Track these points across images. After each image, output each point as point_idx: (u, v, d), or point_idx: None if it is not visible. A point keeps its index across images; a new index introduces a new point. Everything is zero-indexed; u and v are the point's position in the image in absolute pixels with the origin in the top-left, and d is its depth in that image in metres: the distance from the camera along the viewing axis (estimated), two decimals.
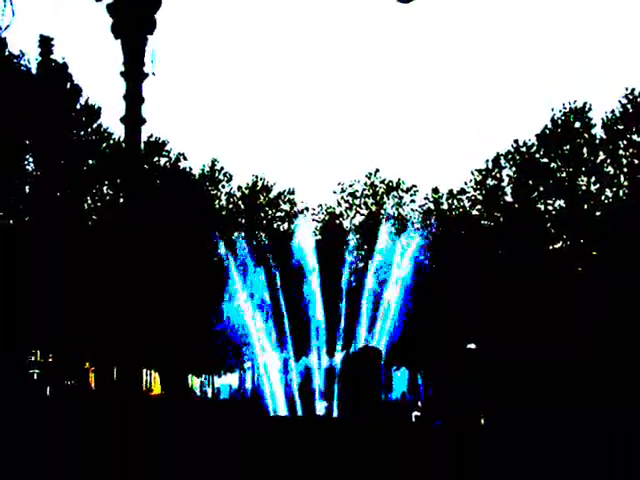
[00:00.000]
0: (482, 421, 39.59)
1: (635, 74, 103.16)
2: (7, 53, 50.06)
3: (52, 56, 53.91)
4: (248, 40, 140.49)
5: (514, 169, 63.59)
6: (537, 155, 62.95)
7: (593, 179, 61.04)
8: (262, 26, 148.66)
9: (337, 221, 69.41)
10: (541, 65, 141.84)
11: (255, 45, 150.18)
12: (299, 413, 43.88)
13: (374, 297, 50.65)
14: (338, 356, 47.57)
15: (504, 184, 64.07)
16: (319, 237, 66.77)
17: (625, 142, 60.61)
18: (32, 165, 54.33)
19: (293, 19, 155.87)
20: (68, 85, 54.79)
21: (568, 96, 63.79)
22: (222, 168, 69.82)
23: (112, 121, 61.02)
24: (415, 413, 47.37)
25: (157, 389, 73.96)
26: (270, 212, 70.19)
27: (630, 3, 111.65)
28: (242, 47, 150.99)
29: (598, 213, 60.09)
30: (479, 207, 64.48)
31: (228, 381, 70.51)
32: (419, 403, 56.19)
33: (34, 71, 52.66)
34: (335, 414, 37.29)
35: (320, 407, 43.63)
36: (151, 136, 64.89)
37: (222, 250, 52.40)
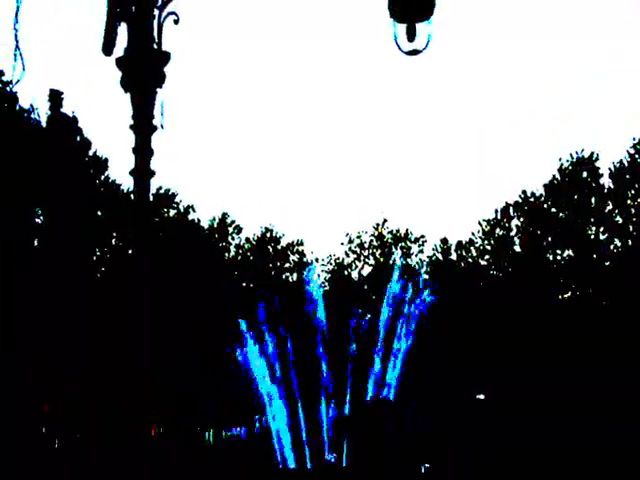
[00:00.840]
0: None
1: None
2: (18, 107, 50.41)
3: (62, 109, 54.30)
4: (256, 94, 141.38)
5: (522, 219, 63.63)
6: (545, 205, 63.01)
7: (602, 229, 61.03)
8: (269, 79, 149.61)
9: (345, 272, 69.42)
10: (548, 115, 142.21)
11: (263, 99, 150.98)
12: (308, 465, 43.68)
13: (384, 347, 50.57)
14: (347, 407, 47.39)
15: (512, 234, 64.09)
16: (327, 288, 66.78)
17: (633, 191, 60.66)
18: (41, 218, 54.49)
19: (298, 73, 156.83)
20: (78, 138, 55.13)
21: (575, 146, 64.07)
22: (233, 222, 70.08)
23: (120, 173, 61.43)
24: (425, 465, 47.03)
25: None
26: (279, 263, 70.26)
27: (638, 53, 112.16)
28: (250, 101, 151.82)
29: (607, 263, 59.99)
30: (487, 257, 64.45)
31: (236, 433, 70.15)
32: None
33: (44, 124, 53.00)
34: (344, 464, 37.06)
35: (329, 459, 43.39)
36: (160, 188, 65.22)
37: (233, 304, 52.50)
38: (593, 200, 61.77)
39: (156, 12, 9.20)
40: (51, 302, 50.75)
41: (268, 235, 70.85)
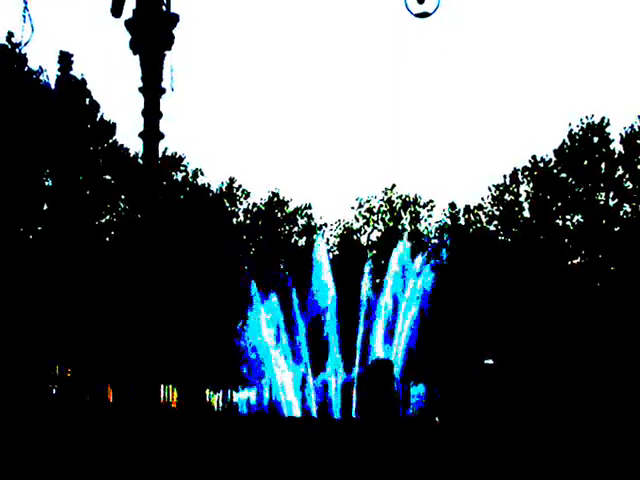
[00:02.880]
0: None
1: None
2: (27, 69, 50.28)
3: (71, 72, 54.14)
4: (266, 57, 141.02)
5: (532, 185, 63.40)
6: (555, 170, 62.75)
7: (612, 194, 60.83)
8: (280, 43, 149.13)
9: (354, 237, 69.36)
10: (559, 80, 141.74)
11: (273, 62, 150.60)
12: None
13: (391, 312, 50.68)
14: (355, 371, 47.54)
15: (522, 199, 63.90)
16: (337, 253, 66.78)
17: None
18: (50, 181, 54.51)
19: (311, 37, 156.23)
20: (87, 101, 55.01)
21: (586, 111, 63.78)
22: (240, 186, 69.89)
23: (127, 138, 61.35)
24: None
25: (175, 403, 73.93)
26: (287, 227, 70.17)
27: None
28: (260, 64, 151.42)
29: (617, 228, 59.82)
30: (496, 223, 64.27)
31: (246, 396, 70.43)
32: (436, 419, 55.97)
33: (53, 86, 52.85)
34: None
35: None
36: (165, 150, 65.05)
37: (243, 268, 52.56)
38: (603, 165, 61.52)
39: None
40: (59, 266, 50.92)
41: (275, 200, 70.69)
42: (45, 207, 54.22)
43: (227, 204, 68.43)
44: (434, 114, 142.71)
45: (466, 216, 66.00)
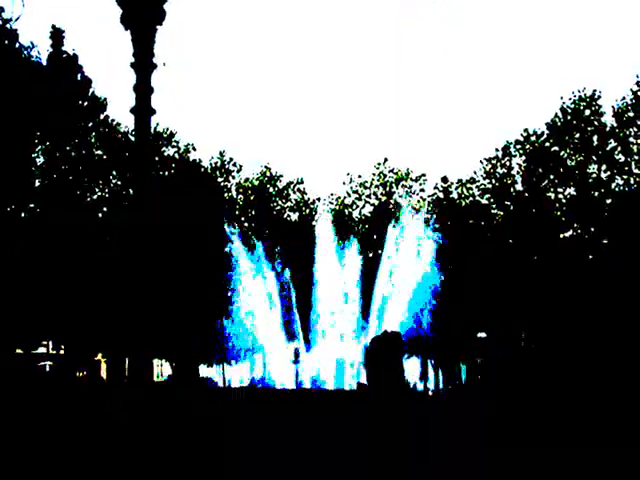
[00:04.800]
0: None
1: None
2: (18, 44, 50.02)
3: (63, 48, 53.92)
4: (257, 30, 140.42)
5: (524, 158, 63.44)
6: (547, 144, 62.79)
7: (604, 167, 60.91)
8: (272, 16, 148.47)
9: (347, 211, 69.25)
10: (551, 53, 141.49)
11: (265, 35, 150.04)
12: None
13: (385, 287, 50.73)
14: (350, 346, 47.60)
15: (514, 173, 63.95)
16: (330, 227, 66.74)
17: (635, 129, 60.42)
18: (42, 157, 54.39)
19: (303, 10, 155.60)
20: (79, 77, 54.81)
21: (578, 84, 63.75)
22: (231, 159, 69.56)
23: (118, 113, 61.15)
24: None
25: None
26: (280, 202, 70.00)
27: None
28: (251, 38, 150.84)
29: (609, 201, 59.91)
30: (488, 196, 64.31)
31: (239, 370, 70.48)
32: (429, 392, 56.24)
33: (45, 62, 52.64)
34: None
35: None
36: (157, 125, 64.77)
37: (234, 243, 52.51)
38: (595, 138, 61.57)
39: None
40: (50, 242, 50.89)
41: (268, 174, 70.45)
42: (37, 184, 54.16)
43: (219, 179, 68.22)
44: (426, 88, 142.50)
45: (458, 190, 66.02)
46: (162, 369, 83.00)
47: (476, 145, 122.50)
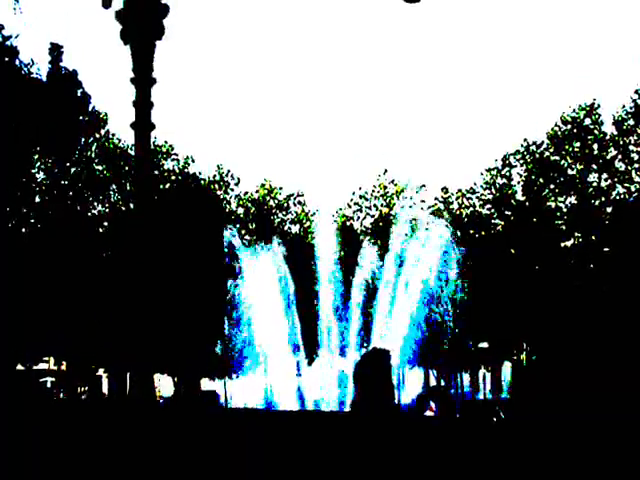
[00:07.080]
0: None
1: None
2: (18, 61, 50.07)
3: (62, 64, 53.99)
4: (257, 43, 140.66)
5: (524, 168, 63.52)
6: (547, 153, 62.90)
7: (604, 175, 60.98)
8: (270, 29, 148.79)
9: (348, 223, 69.21)
10: (551, 64, 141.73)
11: (264, 48, 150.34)
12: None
13: (387, 298, 50.60)
14: (353, 359, 47.44)
15: (514, 183, 63.99)
16: (331, 240, 66.64)
17: (636, 137, 60.49)
18: (42, 174, 54.46)
19: (301, 23, 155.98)
20: (78, 92, 54.86)
21: (578, 94, 63.91)
22: (229, 171, 69.52)
23: (118, 128, 61.20)
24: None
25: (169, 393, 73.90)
26: (280, 215, 70.00)
27: None
28: (250, 51, 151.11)
29: (610, 209, 59.94)
30: (489, 206, 64.33)
31: (240, 384, 70.28)
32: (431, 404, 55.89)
33: (45, 79, 52.69)
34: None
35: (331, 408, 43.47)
36: (155, 140, 64.79)
37: (234, 255, 52.40)
38: (595, 147, 61.65)
39: None
40: (51, 257, 50.89)
41: (268, 186, 70.44)
42: (37, 200, 54.20)
43: (218, 192, 68.18)
44: (426, 98, 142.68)
45: (459, 200, 66.05)
46: (160, 387, 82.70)
47: (476, 156, 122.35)
